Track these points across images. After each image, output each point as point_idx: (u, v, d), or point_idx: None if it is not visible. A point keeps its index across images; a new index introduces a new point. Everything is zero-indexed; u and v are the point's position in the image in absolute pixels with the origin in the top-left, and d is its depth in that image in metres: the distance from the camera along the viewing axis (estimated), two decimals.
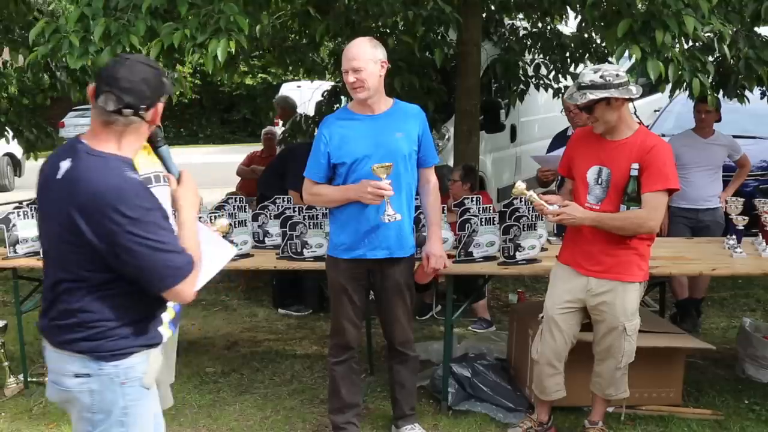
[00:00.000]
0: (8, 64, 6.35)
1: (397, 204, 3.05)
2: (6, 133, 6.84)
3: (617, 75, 2.95)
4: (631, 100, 3.02)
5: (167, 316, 2.12)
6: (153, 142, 2.13)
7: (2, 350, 4.06)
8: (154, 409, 2.11)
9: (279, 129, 7.72)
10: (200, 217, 2.60)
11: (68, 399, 2.03)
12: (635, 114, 3.86)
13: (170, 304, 2.11)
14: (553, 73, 6.68)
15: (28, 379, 4.03)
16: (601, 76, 2.93)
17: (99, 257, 1.89)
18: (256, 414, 3.77)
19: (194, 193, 2.10)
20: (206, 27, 3.72)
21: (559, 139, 4.63)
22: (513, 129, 7.80)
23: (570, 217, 2.99)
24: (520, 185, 2.97)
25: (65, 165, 1.92)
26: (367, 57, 2.97)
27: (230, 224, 2.73)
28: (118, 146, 1.94)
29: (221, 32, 3.69)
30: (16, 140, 7.25)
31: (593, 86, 2.93)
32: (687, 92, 4.11)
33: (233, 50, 3.71)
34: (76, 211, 1.86)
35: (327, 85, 7.22)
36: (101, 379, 1.96)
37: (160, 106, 1.99)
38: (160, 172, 2.69)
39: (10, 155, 13.06)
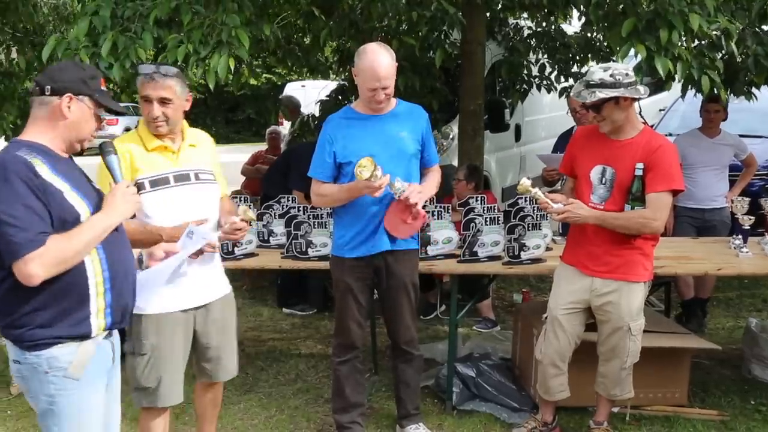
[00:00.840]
0: (15, 62, 6.37)
1: None
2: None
3: (627, 74, 2.94)
4: (638, 99, 3.01)
5: (95, 306, 2.11)
6: (102, 151, 2.28)
7: None
8: (94, 401, 2.14)
9: (283, 129, 7.73)
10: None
11: (19, 383, 2.15)
12: (640, 114, 3.85)
13: (94, 293, 2.10)
14: (555, 73, 6.67)
15: None
16: (611, 75, 2.92)
17: None
18: (260, 413, 3.77)
19: (120, 202, 2.14)
20: (209, 40, 3.75)
21: (565, 139, 4.61)
22: (518, 128, 7.79)
23: (574, 215, 2.98)
24: (525, 182, 2.96)
25: None
26: (392, 72, 3.00)
27: (251, 214, 2.76)
28: (33, 131, 2.09)
29: (223, 45, 3.72)
30: None
31: (602, 85, 2.92)
32: (695, 90, 4.08)
33: (233, 67, 3.74)
34: None
35: (332, 84, 7.22)
36: (28, 367, 2.05)
37: (79, 106, 2.08)
38: (189, 171, 2.74)
39: None
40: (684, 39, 3.74)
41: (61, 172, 2.06)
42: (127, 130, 21.38)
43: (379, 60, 2.96)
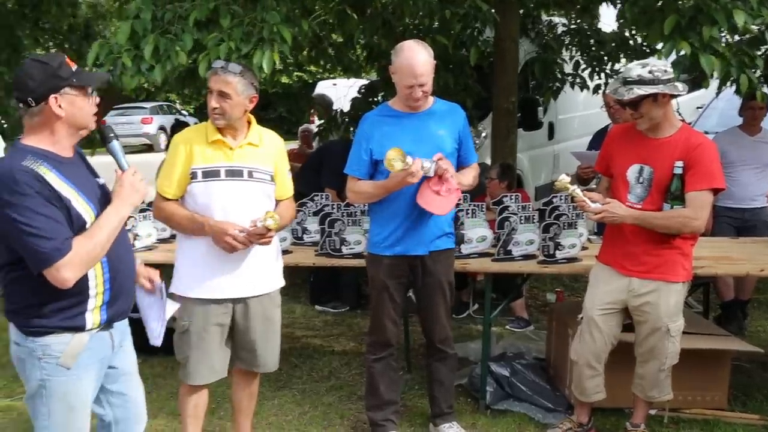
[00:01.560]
0: None
1: None
2: None
3: (665, 71, 2.89)
4: (676, 96, 2.96)
5: (94, 302, 2.17)
6: (103, 137, 2.29)
7: None
8: (82, 387, 2.21)
9: (314, 127, 7.78)
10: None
11: (15, 363, 2.24)
12: (678, 112, 3.78)
13: (94, 292, 2.16)
14: (588, 70, 6.59)
15: None
16: (649, 71, 2.87)
17: (1, 237, 2.05)
18: (294, 409, 3.80)
19: (129, 191, 2.20)
20: (250, 37, 3.78)
21: (600, 136, 4.54)
22: (551, 126, 7.72)
23: (612, 215, 2.94)
24: (564, 179, 2.93)
25: None
26: (430, 69, 2.99)
27: (271, 222, 2.77)
28: (33, 138, 2.11)
29: (264, 42, 3.75)
30: None
31: (640, 81, 2.87)
32: (734, 88, 4.00)
33: (277, 62, 3.77)
34: None
35: (362, 82, 7.24)
36: (24, 350, 2.16)
37: (68, 99, 2.08)
38: (243, 168, 2.79)
39: None
40: (725, 35, 3.67)
41: (67, 177, 2.09)
42: (162, 128, 21.64)
43: (416, 57, 2.95)
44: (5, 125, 6.03)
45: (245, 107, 2.79)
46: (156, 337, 2.47)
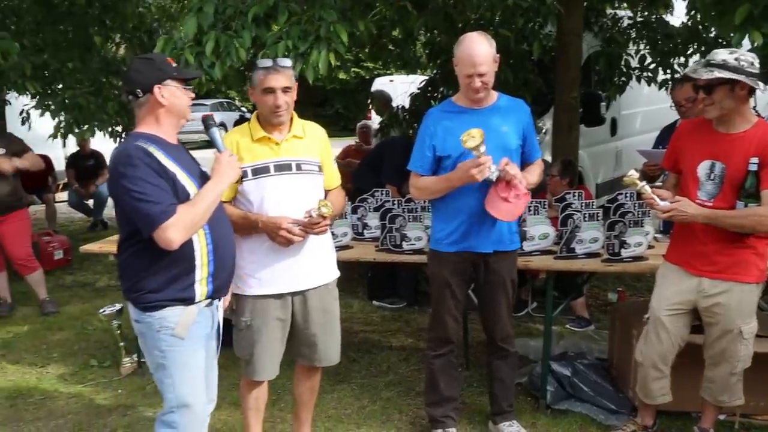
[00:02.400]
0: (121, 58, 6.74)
1: None
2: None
3: (752, 63, 2.78)
4: (753, 92, 2.84)
5: (200, 273, 2.40)
6: (205, 124, 2.59)
7: (118, 332, 4.33)
8: (196, 358, 2.44)
9: (372, 123, 7.81)
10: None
11: (139, 339, 2.49)
12: (755, 109, 3.63)
13: (200, 263, 2.38)
14: (653, 65, 6.40)
15: (142, 360, 4.27)
16: (735, 59, 2.77)
17: (120, 211, 2.33)
18: (353, 403, 3.84)
19: (226, 169, 2.44)
20: (307, 36, 3.81)
21: (668, 132, 4.41)
22: (614, 122, 7.54)
23: (682, 214, 2.85)
24: (633, 174, 2.86)
25: None
26: (490, 59, 2.95)
27: (326, 210, 2.81)
28: (142, 126, 2.40)
29: (321, 41, 3.77)
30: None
31: (724, 66, 2.77)
32: None
33: (333, 62, 3.79)
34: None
35: (420, 78, 7.22)
36: (144, 325, 2.40)
37: (169, 90, 2.36)
38: (291, 161, 2.83)
39: None
40: None
41: (172, 157, 2.35)
42: (222, 124, 22.24)
43: (476, 46, 2.93)
44: (78, 117, 6.25)
45: (294, 98, 2.84)
46: None
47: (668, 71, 6.33)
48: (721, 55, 2.81)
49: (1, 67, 4.88)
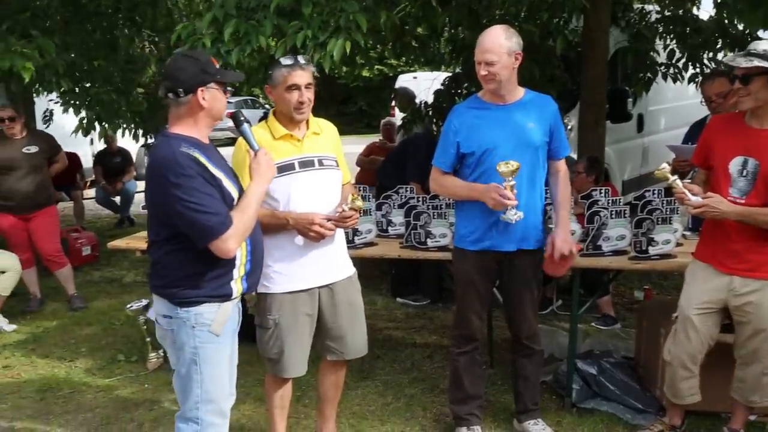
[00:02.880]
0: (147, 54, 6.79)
1: (528, 196, 3.00)
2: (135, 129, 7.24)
3: None
4: None
5: (238, 272, 2.40)
6: (235, 122, 2.54)
7: (145, 327, 4.38)
8: (225, 355, 2.45)
9: (396, 120, 7.79)
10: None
11: (163, 335, 2.47)
12: None
13: (239, 262, 2.39)
14: (682, 61, 6.30)
15: None
16: None
17: (163, 215, 2.28)
18: (377, 400, 3.84)
19: (266, 168, 2.43)
20: (328, 25, 3.80)
21: (698, 128, 4.34)
22: (640, 118, 7.44)
23: (713, 210, 2.80)
24: (665, 167, 2.82)
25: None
26: (501, 50, 2.90)
27: (360, 203, 2.84)
28: (179, 127, 2.34)
29: (341, 31, 3.76)
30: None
31: (764, 56, 2.71)
32: None
33: (348, 51, 3.77)
34: (147, 180, 2.33)
35: (443, 75, 7.19)
36: (177, 321, 2.37)
37: (211, 92, 2.32)
38: (314, 157, 2.85)
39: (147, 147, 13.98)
40: None
41: (213, 161, 2.33)
42: (247, 122, 22.65)
43: (487, 35, 2.92)
44: (101, 114, 6.33)
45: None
46: None
47: (697, 66, 6.22)
48: (762, 45, 2.75)
49: (38, 65, 4.93)
